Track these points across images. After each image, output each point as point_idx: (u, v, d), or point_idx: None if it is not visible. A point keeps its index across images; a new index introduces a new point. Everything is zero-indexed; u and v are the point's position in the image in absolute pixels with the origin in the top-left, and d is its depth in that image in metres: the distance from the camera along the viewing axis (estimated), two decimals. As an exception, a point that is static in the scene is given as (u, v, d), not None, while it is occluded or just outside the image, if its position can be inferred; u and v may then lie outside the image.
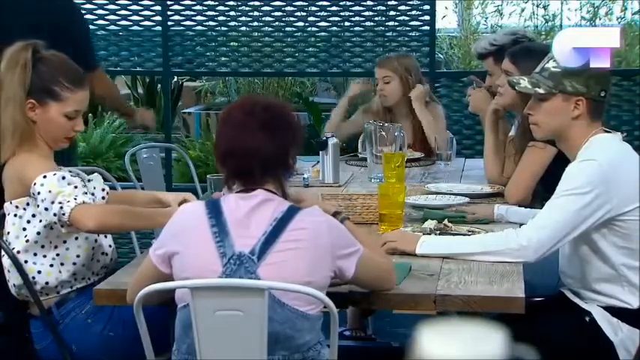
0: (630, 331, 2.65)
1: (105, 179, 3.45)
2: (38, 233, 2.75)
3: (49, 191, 2.62)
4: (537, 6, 8.05)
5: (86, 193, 2.68)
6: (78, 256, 2.80)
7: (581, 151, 2.65)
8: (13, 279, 2.81)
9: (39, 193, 2.64)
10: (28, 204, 2.74)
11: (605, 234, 2.64)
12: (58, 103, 2.78)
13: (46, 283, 2.78)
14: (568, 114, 2.67)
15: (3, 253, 2.81)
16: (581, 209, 2.57)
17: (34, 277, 2.77)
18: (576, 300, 2.73)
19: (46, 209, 2.64)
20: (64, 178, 2.65)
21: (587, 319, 2.67)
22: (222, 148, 2.30)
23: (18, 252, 2.76)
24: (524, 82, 2.77)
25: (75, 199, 2.59)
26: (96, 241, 2.85)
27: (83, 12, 5.52)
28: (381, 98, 4.63)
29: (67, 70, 2.82)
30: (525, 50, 3.52)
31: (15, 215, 2.77)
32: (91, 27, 5.54)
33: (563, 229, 2.58)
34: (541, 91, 2.71)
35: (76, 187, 2.64)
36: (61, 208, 2.59)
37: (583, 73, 2.64)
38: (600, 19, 7.83)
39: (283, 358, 2.20)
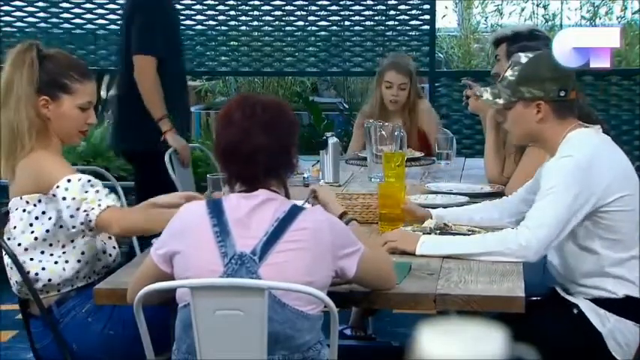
0: (618, 321, 2.68)
1: (105, 179, 3.46)
2: (47, 231, 2.76)
3: (73, 198, 2.66)
4: (537, 5, 8.04)
5: (110, 193, 2.72)
6: (83, 253, 2.81)
7: (560, 148, 2.71)
8: (14, 276, 2.81)
9: (64, 198, 2.67)
10: (39, 200, 2.75)
11: (588, 226, 2.68)
12: (70, 95, 2.81)
13: (49, 280, 2.78)
14: (532, 118, 2.72)
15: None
16: (571, 203, 2.61)
17: (37, 274, 2.77)
18: (564, 295, 2.76)
19: (72, 216, 2.68)
20: (89, 181, 2.69)
21: (575, 311, 2.70)
22: (223, 153, 2.29)
23: (26, 249, 2.77)
24: (487, 94, 2.86)
25: (99, 205, 2.65)
26: (101, 245, 2.86)
27: (82, 11, 5.55)
28: (391, 104, 4.63)
29: (73, 64, 2.88)
30: (521, 50, 3.56)
31: (24, 210, 2.77)
32: (91, 26, 5.56)
33: (558, 226, 2.61)
34: (501, 101, 2.79)
35: (97, 190, 2.68)
36: (87, 215, 2.65)
37: (536, 77, 2.70)
38: (600, 18, 7.82)
39: (283, 357, 2.20)
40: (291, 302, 2.18)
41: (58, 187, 2.68)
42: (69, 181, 2.68)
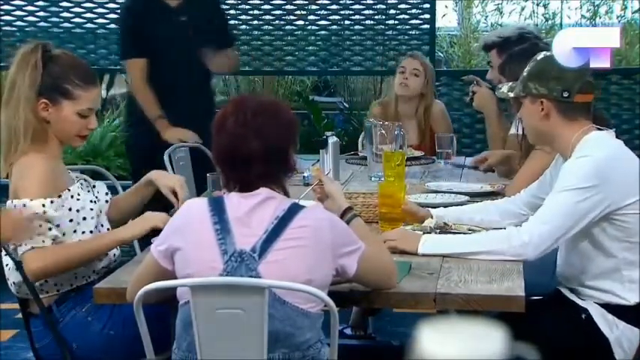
0: (626, 328, 2.67)
1: (105, 178, 3.46)
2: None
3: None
4: (537, 4, 8.04)
5: (44, 232, 2.67)
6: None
7: (577, 149, 2.69)
8: (12, 277, 2.81)
9: None
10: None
11: (606, 228, 2.66)
12: (70, 101, 2.79)
13: (46, 280, 2.78)
14: (537, 115, 2.74)
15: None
16: (581, 204, 2.60)
17: (34, 274, 2.77)
18: (573, 297, 2.75)
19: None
20: (36, 213, 2.66)
21: (583, 316, 2.69)
22: (219, 159, 2.29)
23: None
24: (504, 88, 2.93)
25: (26, 243, 2.64)
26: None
27: (83, 10, 5.55)
28: (401, 87, 4.59)
29: (79, 68, 2.84)
30: (508, 56, 3.73)
31: None
32: (91, 25, 5.57)
33: (563, 225, 2.60)
34: (512, 94, 2.86)
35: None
36: (15, 248, 2.66)
37: (543, 75, 2.73)
38: (600, 17, 7.82)
39: (283, 356, 2.20)
40: (291, 300, 2.18)
41: (15, 206, 2.69)
42: (24, 206, 2.67)
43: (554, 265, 2.87)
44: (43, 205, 2.67)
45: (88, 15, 5.55)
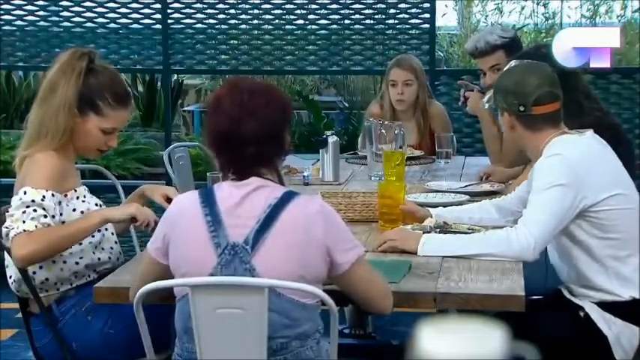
0: (623, 326, 2.68)
1: (105, 177, 3.46)
2: None
3: (7, 210, 2.67)
4: (537, 4, 8.04)
5: (37, 218, 2.63)
6: (81, 257, 2.81)
7: (545, 150, 2.74)
8: (14, 274, 2.81)
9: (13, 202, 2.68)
10: None
11: (583, 225, 2.69)
12: (98, 116, 2.82)
13: (46, 279, 2.78)
14: (506, 125, 2.84)
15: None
16: (563, 199, 2.64)
17: (34, 272, 2.77)
18: (570, 297, 2.76)
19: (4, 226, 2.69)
20: (33, 201, 2.64)
21: (581, 314, 2.70)
22: (213, 141, 2.27)
23: None
24: (485, 98, 3.14)
25: (18, 227, 2.60)
26: (100, 243, 2.86)
27: (84, 9, 5.54)
28: (398, 103, 4.56)
29: (115, 88, 2.85)
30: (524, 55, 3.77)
31: None
32: (91, 25, 5.56)
33: (552, 222, 2.63)
34: (487, 105, 3.09)
35: (24, 211, 2.62)
36: (7, 231, 2.64)
37: (502, 89, 2.82)
38: (600, 17, 7.82)
39: (281, 346, 2.19)
40: (288, 293, 2.17)
41: (17, 193, 2.69)
42: (25, 193, 2.67)
43: (546, 263, 2.88)
44: (43, 197, 2.67)
45: (88, 14, 5.55)
